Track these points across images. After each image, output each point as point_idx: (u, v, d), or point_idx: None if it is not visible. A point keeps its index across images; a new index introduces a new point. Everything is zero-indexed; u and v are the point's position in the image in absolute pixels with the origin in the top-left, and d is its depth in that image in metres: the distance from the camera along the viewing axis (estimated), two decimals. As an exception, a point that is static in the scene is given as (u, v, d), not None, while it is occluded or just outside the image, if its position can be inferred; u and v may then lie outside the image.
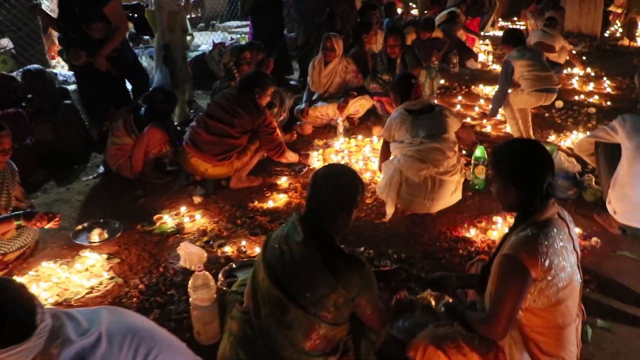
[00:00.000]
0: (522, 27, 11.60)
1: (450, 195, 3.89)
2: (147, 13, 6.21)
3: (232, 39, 9.48)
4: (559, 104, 6.38)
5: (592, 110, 6.24)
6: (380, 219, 3.98)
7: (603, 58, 9.07)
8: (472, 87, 7.27)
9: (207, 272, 2.81)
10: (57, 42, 9.09)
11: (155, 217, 4.10)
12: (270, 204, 4.25)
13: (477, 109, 6.39)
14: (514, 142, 2.26)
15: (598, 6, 10.15)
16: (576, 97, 6.83)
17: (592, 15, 10.17)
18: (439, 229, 3.84)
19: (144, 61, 7.38)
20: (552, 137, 5.46)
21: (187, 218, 4.08)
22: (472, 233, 3.73)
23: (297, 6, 7.24)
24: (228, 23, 11.22)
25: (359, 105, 5.64)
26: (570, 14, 10.38)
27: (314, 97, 5.85)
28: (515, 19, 12.92)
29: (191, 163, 4.37)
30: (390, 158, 3.99)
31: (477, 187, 4.34)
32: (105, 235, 3.85)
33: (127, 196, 4.55)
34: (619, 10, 10.33)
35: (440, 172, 3.78)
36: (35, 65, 5.67)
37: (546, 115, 6.15)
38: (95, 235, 3.83)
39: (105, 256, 3.64)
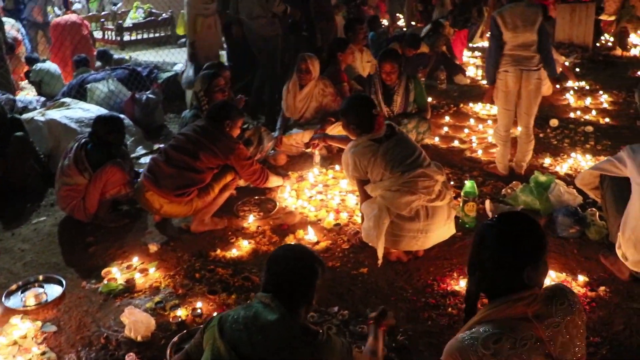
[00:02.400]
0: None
1: (444, 223, 3.42)
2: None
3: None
4: (554, 122, 5.95)
5: (590, 128, 5.80)
6: (357, 269, 3.49)
7: (597, 69, 8.70)
8: (461, 105, 6.84)
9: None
10: (24, 62, 8.69)
11: (103, 272, 3.60)
12: (234, 252, 3.75)
13: (466, 130, 5.92)
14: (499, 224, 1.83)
15: (589, 15, 9.79)
16: (572, 114, 6.40)
17: (583, 24, 9.81)
18: (424, 280, 3.35)
19: (111, 85, 6.91)
20: (547, 161, 4.99)
21: (138, 274, 3.58)
22: (462, 285, 3.25)
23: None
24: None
25: (337, 132, 5.15)
26: (561, 24, 10.01)
27: (290, 123, 5.39)
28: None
29: (146, 197, 3.89)
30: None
31: (467, 225, 3.87)
32: (44, 297, 3.35)
33: (78, 244, 4.05)
34: (611, 18, 9.94)
35: (432, 199, 3.31)
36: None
37: (540, 135, 5.70)
38: (32, 298, 3.32)
39: (40, 323, 3.13)
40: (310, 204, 4.34)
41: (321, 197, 4.41)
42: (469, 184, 3.80)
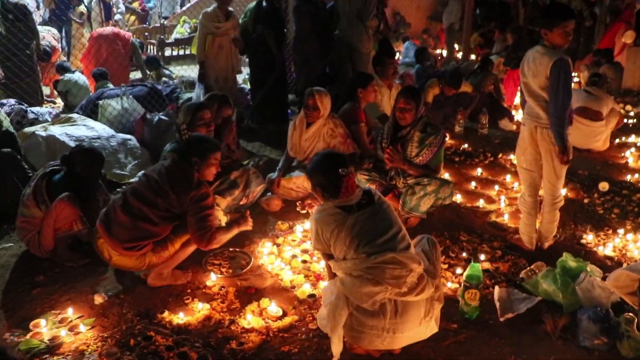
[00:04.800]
0: (576, 81, 10.31)
1: (419, 322, 2.70)
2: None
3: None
4: (604, 186, 5.08)
5: (647, 197, 4.90)
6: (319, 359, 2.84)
7: (668, 124, 7.65)
8: (500, 155, 6.01)
9: None
10: (56, 72, 8.58)
11: (32, 324, 3.12)
12: (181, 317, 3.17)
13: (497, 187, 5.13)
14: None
15: (664, 61, 8.73)
16: (628, 177, 5.49)
17: (657, 71, 8.75)
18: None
19: (125, 102, 6.56)
20: (589, 238, 4.15)
21: (67, 331, 3.06)
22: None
23: (297, 48, 6.27)
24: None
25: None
26: (632, 69, 8.99)
27: (294, 164, 4.80)
28: (570, 69, 11.57)
29: (97, 245, 3.40)
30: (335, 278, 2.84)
31: (467, 316, 3.13)
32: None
33: (25, 283, 3.61)
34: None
35: (403, 293, 2.61)
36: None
37: (585, 201, 4.86)
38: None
39: None
40: (291, 264, 3.71)
41: (304, 258, 3.77)
42: (472, 268, 3.07)
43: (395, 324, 2.60)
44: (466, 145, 6.31)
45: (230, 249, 3.90)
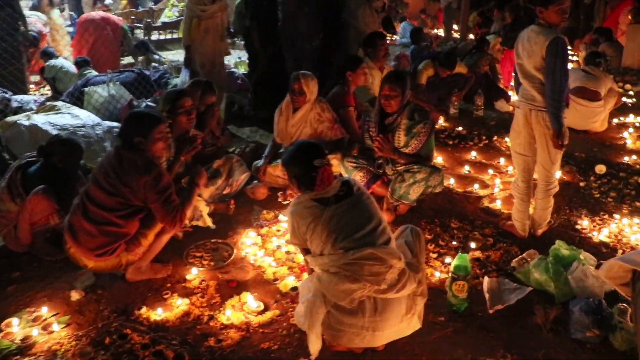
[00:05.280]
0: (575, 60, 10.13)
1: (401, 319, 2.58)
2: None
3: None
4: (601, 168, 4.94)
5: (645, 180, 4.76)
6: (298, 357, 2.72)
7: (668, 103, 7.48)
8: (495, 137, 5.86)
9: None
10: (40, 58, 8.41)
11: (4, 323, 3.00)
12: (159, 313, 3.06)
13: (491, 171, 4.98)
14: None
15: (665, 38, 8.51)
16: (626, 159, 5.34)
17: (658, 49, 8.54)
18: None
19: (112, 89, 6.41)
20: (584, 223, 4.02)
21: (40, 330, 2.95)
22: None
23: (285, 30, 6.08)
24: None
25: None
26: (631, 47, 8.76)
27: (281, 151, 4.66)
28: (569, 48, 11.34)
29: (70, 253, 3.29)
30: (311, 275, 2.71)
31: (455, 308, 3.01)
32: None
33: (2, 279, 3.49)
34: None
35: (382, 290, 2.49)
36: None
37: (581, 184, 4.72)
38: None
39: None
40: (275, 255, 3.59)
41: (288, 249, 3.65)
42: (459, 258, 2.94)
43: (375, 322, 2.48)
44: (460, 128, 6.15)
45: (213, 241, 3.78)
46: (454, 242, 3.70)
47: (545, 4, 3.33)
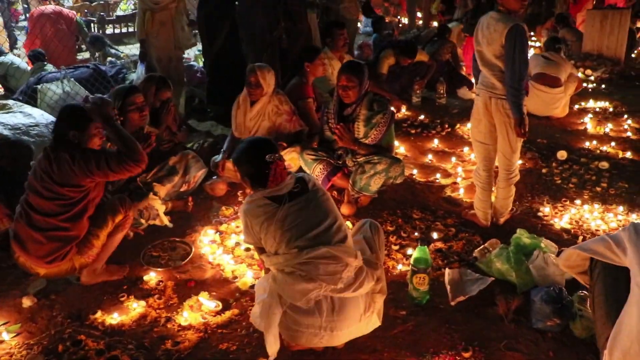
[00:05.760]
0: (537, 46, 10.22)
1: (359, 318, 2.52)
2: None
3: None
4: (562, 154, 4.97)
5: (605, 164, 4.79)
6: (256, 357, 2.65)
7: (626, 87, 7.58)
8: (458, 125, 5.86)
9: None
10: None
11: (-51, 336, 2.86)
12: (115, 317, 2.95)
13: (454, 159, 4.96)
14: None
15: (623, 24, 8.63)
16: (587, 144, 5.39)
17: (615, 34, 8.65)
18: (340, 384, 2.49)
19: (67, 86, 6.18)
20: (545, 210, 4.02)
21: (-14, 340, 2.82)
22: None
23: (244, 24, 5.93)
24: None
25: (289, 160, 4.30)
26: (590, 32, 8.88)
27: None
28: (532, 34, 11.43)
29: (20, 262, 3.15)
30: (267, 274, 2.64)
31: (416, 301, 2.97)
32: None
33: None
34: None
35: (339, 289, 2.43)
36: None
37: (543, 171, 4.74)
38: None
39: None
40: (234, 252, 3.51)
41: (247, 246, 3.56)
42: (419, 250, 2.90)
43: (333, 322, 2.42)
44: (423, 117, 6.13)
45: (170, 239, 3.68)
46: (416, 234, 3.66)
47: None
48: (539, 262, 3.05)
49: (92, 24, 10.72)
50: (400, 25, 12.57)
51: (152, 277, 3.28)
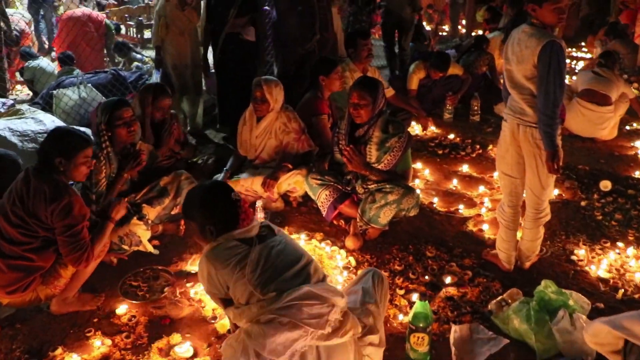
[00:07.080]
0: (588, 57, 9.55)
1: None
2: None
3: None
4: (606, 185, 4.41)
5: (657, 199, 4.22)
6: None
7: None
8: (490, 146, 5.34)
9: None
10: (20, 59, 8.06)
11: None
12: (74, 358, 2.64)
13: (482, 188, 4.47)
14: None
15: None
16: (637, 173, 4.80)
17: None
18: None
19: (83, 91, 6.00)
20: (580, 253, 3.51)
21: None
22: None
23: (276, 30, 5.61)
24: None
25: (294, 183, 3.95)
26: (647, 45, 8.16)
27: (245, 164, 4.21)
28: (582, 44, 10.72)
29: None
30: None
31: (414, 363, 2.54)
32: None
33: None
34: None
35: (327, 335, 2.07)
36: None
37: (582, 204, 4.19)
38: None
39: None
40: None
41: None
42: (419, 305, 2.47)
43: None
44: (453, 136, 5.63)
45: (154, 267, 3.36)
46: (427, 277, 3.22)
47: (540, 2, 2.83)
48: (565, 324, 2.57)
49: (126, 29, 10.67)
50: (441, 33, 12.04)
51: (124, 310, 2.96)
